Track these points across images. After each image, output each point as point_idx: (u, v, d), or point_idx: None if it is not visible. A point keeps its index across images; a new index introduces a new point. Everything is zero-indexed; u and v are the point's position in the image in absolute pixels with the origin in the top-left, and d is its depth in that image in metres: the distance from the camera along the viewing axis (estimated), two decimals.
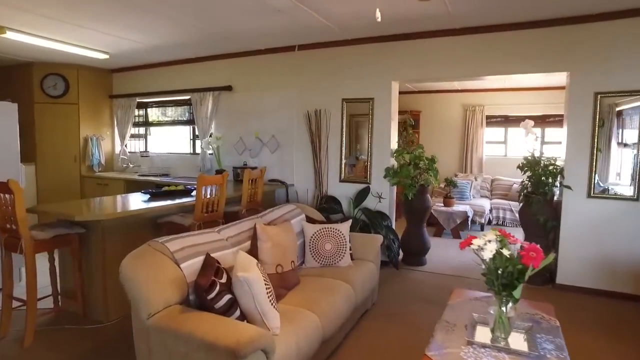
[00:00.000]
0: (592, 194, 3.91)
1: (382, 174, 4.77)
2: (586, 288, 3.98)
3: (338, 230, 3.31)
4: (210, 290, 1.93)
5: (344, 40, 4.79)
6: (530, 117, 8.15)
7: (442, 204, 6.54)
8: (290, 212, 3.45)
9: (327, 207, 4.72)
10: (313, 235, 3.28)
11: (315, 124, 5.07)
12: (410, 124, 4.82)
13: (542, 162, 4.11)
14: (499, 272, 1.87)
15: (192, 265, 2.14)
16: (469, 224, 6.44)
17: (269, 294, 2.06)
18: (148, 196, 3.82)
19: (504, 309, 1.93)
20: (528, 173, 4.18)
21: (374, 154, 4.82)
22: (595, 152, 3.88)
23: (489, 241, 1.89)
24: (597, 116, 3.85)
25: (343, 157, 5.02)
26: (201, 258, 2.22)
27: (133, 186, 5.59)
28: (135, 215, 3.22)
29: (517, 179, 7.66)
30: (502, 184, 7.69)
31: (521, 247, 1.89)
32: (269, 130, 5.49)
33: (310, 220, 3.51)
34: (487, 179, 7.87)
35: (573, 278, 4.03)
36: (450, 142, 8.44)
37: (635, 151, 3.86)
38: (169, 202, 3.55)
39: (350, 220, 3.45)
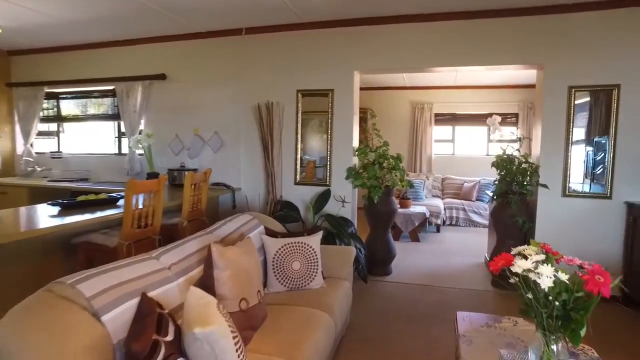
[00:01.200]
0: (567, 193, 3.72)
1: (343, 175, 4.27)
2: None
3: (307, 245, 2.72)
4: (151, 358, 1.26)
5: (300, 23, 4.22)
6: (477, 116, 8.19)
7: (399, 206, 6.20)
8: (246, 224, 2.80)
9: (284, 215, 4.11)
10: (277, 252, 2.67)
11: (267, 119, 4.44)
12: (373, 114, 4.35)
13: (516, 160, 3.85)
14: (555, 302, 1.41)
15: (120, 316, 1.44)
16: (427, 225, 6.19)
17: (238, 351, 1.43)
18: (58, 208, 2.95)
19: (554, 347, 1.49)
20: (502, 172, 3.90)
21: (334, 152, 4.31)
22: (570, 148, 3.69)
23: (541, 262, 1.43)
24: (572, 111, 3.66)
25: (299, 156, 4.44)
26: (134, 302, 1.52)
27: (41, 194, 4.54)
28: (37, 236, 2.37)
29: (467, 178, 7.60)
30: (453, 183, 7.59)
31: (581, 268, 1.45)
32: (211, 126, 4.75)
33: (270, 233, 2.89)
34: (438, 178, 7.74)
35: None
36: (399, 141, 8.21)
37: (590, 149, 3.75)
38: (87, 216, 2.73)
39: (321, 232, 2.88)
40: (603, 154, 3.68)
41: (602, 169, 3.70)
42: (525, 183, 3.74)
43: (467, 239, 6.14)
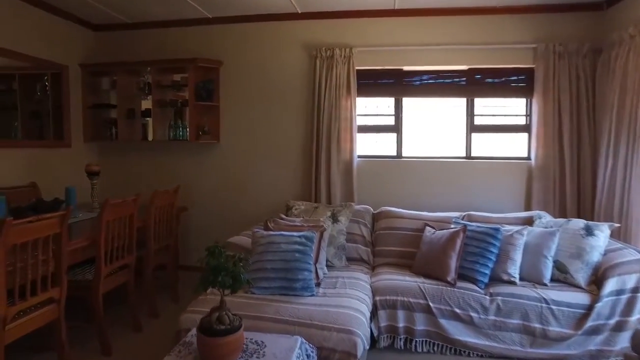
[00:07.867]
0: None
1: None
2: None
3: None
4: None
5: None
6: (446, 75, 3.82)
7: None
8: None
9: None
10: None
11: None
12: None
13: None
14: None
15: None
16: None
17: None
18: None
19: None
20: None
21: None
22: None
23: None
24: None
25: None
26: None
27: None
28: None
29: (432, 214, 3.13)
30: (397, 227, 3.08)
31: None
32: None
33: None
34: (365, 216, 3.23)
35: None
36: (285, 132, 3.80)
37: None
38: None
39: None
40: None
41: None
42: None
43: None
